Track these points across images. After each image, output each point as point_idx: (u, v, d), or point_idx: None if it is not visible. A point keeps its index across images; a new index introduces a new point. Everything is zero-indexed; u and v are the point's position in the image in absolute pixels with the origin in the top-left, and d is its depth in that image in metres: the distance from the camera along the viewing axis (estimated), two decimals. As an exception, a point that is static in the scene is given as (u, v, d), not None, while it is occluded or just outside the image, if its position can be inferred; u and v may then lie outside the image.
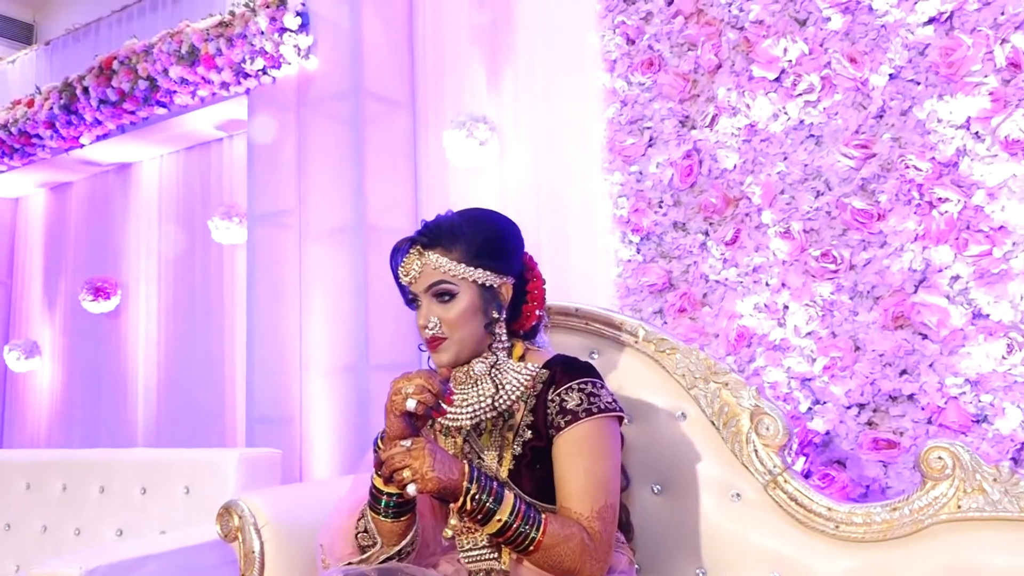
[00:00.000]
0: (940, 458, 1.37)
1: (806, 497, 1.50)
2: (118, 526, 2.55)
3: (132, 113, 4.01)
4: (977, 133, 2.00)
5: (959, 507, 1.35)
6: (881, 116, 2.15)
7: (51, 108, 4.24)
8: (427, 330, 1.38)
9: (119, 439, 4.40)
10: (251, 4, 3.51)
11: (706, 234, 2.43)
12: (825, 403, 2.16)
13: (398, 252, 1.43)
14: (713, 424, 1.62)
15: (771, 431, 1.55)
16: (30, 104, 4.40)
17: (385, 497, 1.30)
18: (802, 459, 2.13)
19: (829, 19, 2.24)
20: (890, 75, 2.13)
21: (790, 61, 2.29)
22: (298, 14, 3.39)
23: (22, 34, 5.47)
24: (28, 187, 5.06)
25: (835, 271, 2.17)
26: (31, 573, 1.80)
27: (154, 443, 4.25)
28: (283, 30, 3.39)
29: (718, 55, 2.44)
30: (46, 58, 5.04)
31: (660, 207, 2.53)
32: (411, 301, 1.43)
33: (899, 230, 2.08)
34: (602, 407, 1.34)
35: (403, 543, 1.33)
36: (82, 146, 4.33)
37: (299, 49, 3.41)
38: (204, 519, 2.29)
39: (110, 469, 2.65)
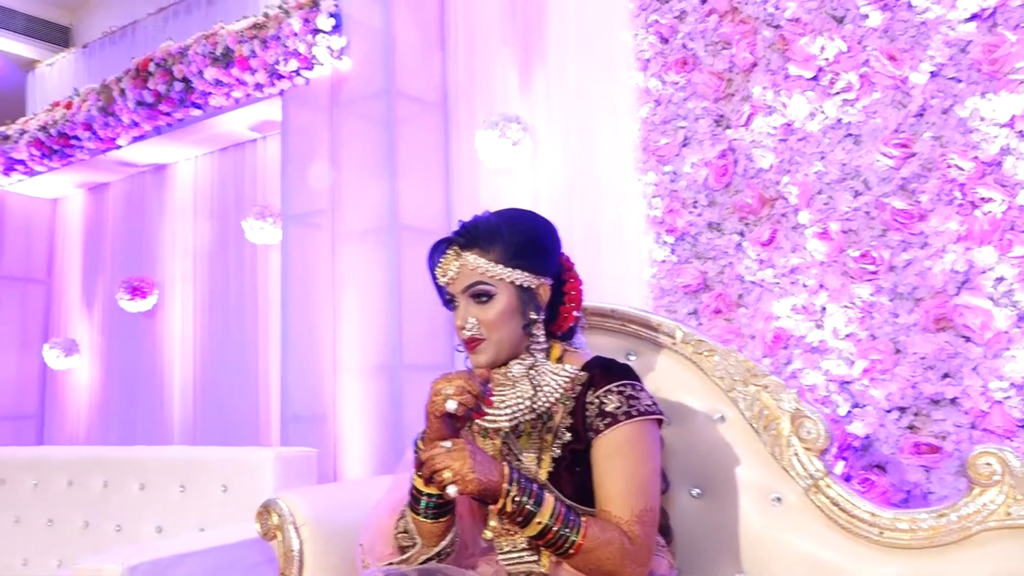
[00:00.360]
0: (988, 464, 1.34)
1: (848, 502, 1.48)
2: (157, 523, 2.59)
3: (168, 115, 4.06)
4: (1022, 132, 1.96)
5: (1008, 514, 1.32)
6: (921, 114, 2.11)
7: (89, 110, 4.30)
8: (465, 331, 1.38)
9: (156, 437, 4.46)
10: (285, 6, 3.54)
11: (741, 234, 2.41)
12: (865, 406, 2.13)
13: (435, 252, 1.42)
14: (752, 427, 1.60)
15: (812, 435, 1.53)
16: (68, 106, 4.47)
17: (425, 498, 1.31)
18: (841, 463, 2.11)
19: (867, 16, 2.21)
20: (931, 73, 2.10)
21: (827, 59, 2.26)
22: (331, 15, 3.42)
23: (59, 37, 5.57)
24: (67, 188, 5.14)
25: (875, 272, 2.14)
26: (75, 569, 1.83)
27: (190, 441, 4.31)
28: (316, 31, 3.41)
29: (753, 53, 2.42)
30: (83, 60, 5.13)
31: (695, 207, 2.52)
32: (449, 302, 1.43)
33: (941, 231, 2.05)
34: (642, 410, 1.33)
35: (443, 544, 1.33)
36: (119, 147, 4.39)
37: (332, 50, 3.43)
38: (241, 517, 2.32)
39: (149, 467, 2.69)
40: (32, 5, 5.38)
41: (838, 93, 2.24)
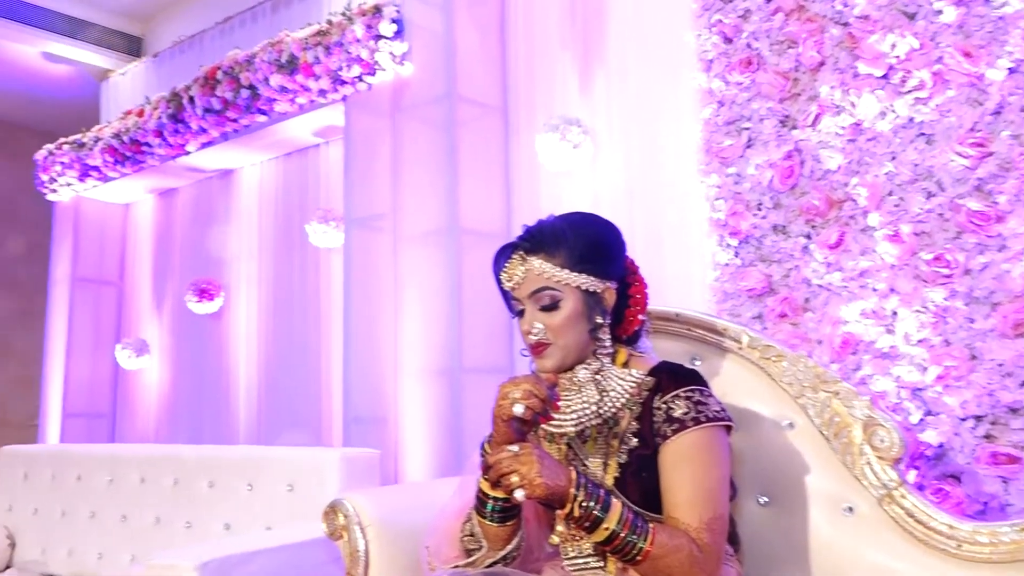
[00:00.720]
0: (1075, 476, 1.29)
1: (925, 513, 1.43)
2: (225, 520, 2.65)
3: (235, 121, 4.15)
4: (1108, 129, 1.88)
5: (1096, 529, 1.27)
6: (999, 112, 2.04)
7: (159, 117, 4.43)
8: (531, 336, 1.38)
9: (222, 436, 4.55)
10: (348, 12, 3.59)
11: (808, 237, 2.36)
12: (938, 414, 2.06)
13: (501, 257, 1.43)
14: (823, 435, 1.57)
15: (886, 443, 1.49)
16: (140, 114, 4.61)
17: (491, 501, 1.31)
18: (913, 472, 2.05)
19: (941, 12, 2.14)
20: (1009, 69, 2.02)
21: (898, 57, 2.20)
22: (393, 21, 3.45)
23: (132, 47, 5.74)
24: (138, 193, 5.29)
25: (949, 276, 2.07)
26: (149, 565, 1.89)
27: (255, 440, 4.39)
28: (379, 37, 3.45)
29: (821, 52, 2.37)
30: (154, 69, 5.27)
31: (759, 209, 2.47)
32: (514, 307, 1.43)
33: (1020, 232, 1.97)
34: (710, 416, 1.31)
35: (509, 548, 1.34)
36: (188, 153, 4.50)
37: (394, 56, 3.47)
38: (307, 516, 2.36)
39: (218, 465, 2.76)
40: (106, 17, 5.56)
41: (910, 91, 2.18)
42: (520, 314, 1.41)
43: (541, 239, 1.39)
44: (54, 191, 5.29)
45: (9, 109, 6.41)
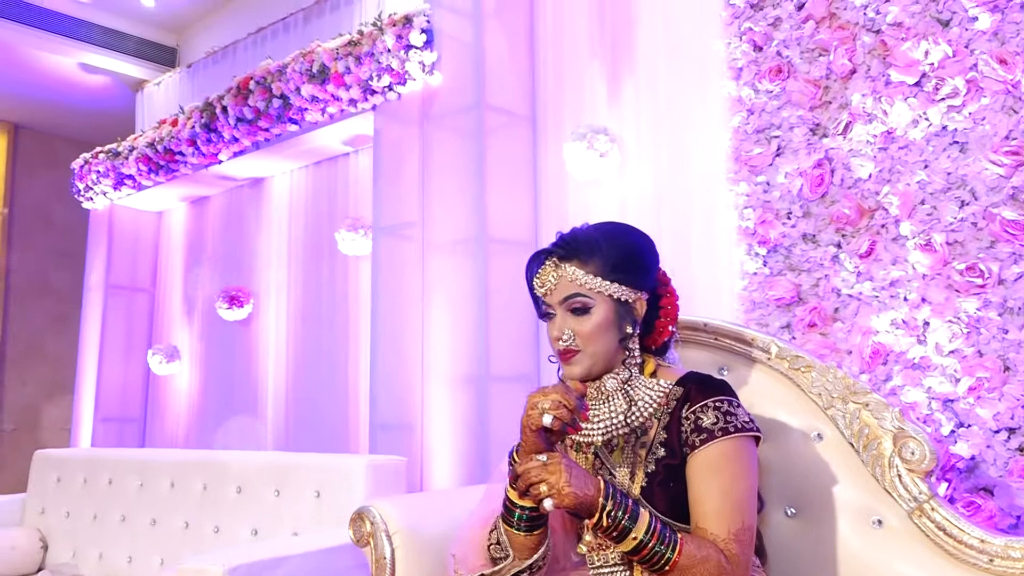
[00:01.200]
0: (1112, 491, 1.26)
1: (956, 527, 1.41)
2: (253, 526, 2.67)
3: (266, 130, 4.20)
4: None
5: None
6: (1035, 121, 2.01)
7: (193, 127, 4.49)
8: (561, 342, 1.38)
9: (250, 442, 4.59)
10: (379, 23, 3.62)
11: (838, 246, 2.34)
12: (970, 426, 2.03)
13: (534, 263, 1.43)
14: (852, 446, 1.55)
15: (917, 456, 1.47)
16: (174, 123, 4.69)
17: (519, 510, 1.31)
18: (944, 484, 2.02)
19: (976, 19, 2.12)
20: (1045, 77, 2.00)
21: (932, 64, 2.18)
22: (423, 31, 3.48)
23: (166, 58, 5.84)
24: (171, 201, 5.37)
25: (982, 286, 2.04)
26: (179, 569, 1.91)
27: (283, 447, 4.42)
28: (409, 47, 3.48)
29: (852, 60, 2.35)
30: (188, 79, 5.36)
31: (788, 218, 2.46)
32: (545, 313, 1.43)
33: (1056, 242, 1.94)
34: (739, 426, 1.31)
35: (535, 557, 1.34)
36: (220, 162, 4.56)
37: (424, 65, 3.49)
38: (334, 522, 2.38)
39: (246, 471, 2.78)
40: (142, 28, 5.67)
41: (943, 99, 2.15)
42: (551, 320, 1.41)
43: (575, 246, 1.40)
44: (89, 199, 5.39)
45: (47, 119, 6.55)
